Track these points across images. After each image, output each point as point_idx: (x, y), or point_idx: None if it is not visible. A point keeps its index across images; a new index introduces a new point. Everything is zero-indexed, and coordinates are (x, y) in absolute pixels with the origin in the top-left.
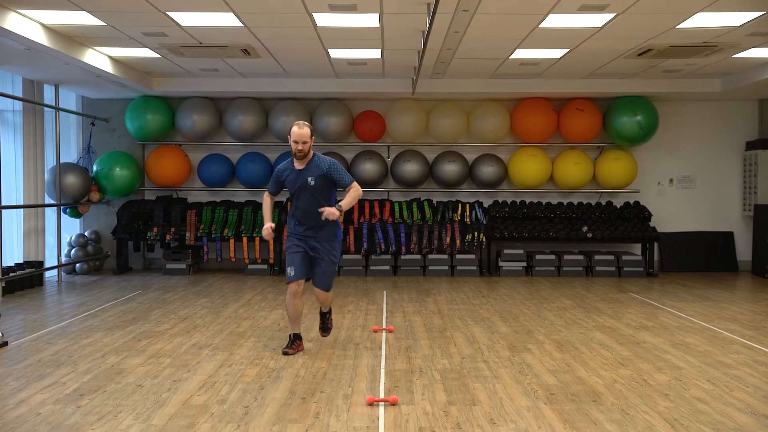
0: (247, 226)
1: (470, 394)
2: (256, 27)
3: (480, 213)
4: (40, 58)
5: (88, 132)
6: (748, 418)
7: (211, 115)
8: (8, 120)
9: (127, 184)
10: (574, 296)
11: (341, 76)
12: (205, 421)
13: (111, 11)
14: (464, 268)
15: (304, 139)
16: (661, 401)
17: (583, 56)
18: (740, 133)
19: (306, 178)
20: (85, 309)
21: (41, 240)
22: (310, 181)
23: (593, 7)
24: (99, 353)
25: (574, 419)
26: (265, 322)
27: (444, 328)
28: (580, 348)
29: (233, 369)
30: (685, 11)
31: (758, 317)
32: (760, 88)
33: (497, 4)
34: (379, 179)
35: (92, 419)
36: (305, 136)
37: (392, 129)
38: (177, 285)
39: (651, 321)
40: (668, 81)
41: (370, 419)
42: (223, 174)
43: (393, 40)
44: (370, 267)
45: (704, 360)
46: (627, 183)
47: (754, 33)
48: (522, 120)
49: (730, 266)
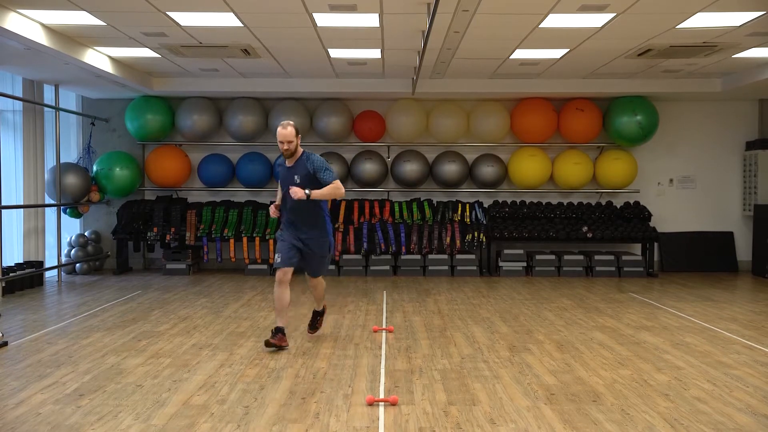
0: (247, 226)
1: (470, 394)
2: (256, 27)
3: (480, 213)
4: (40, 58)
5: (88, 132)
6: (748, 418)
7: (211, 115)
8: (8, 120)
9: (127, 184)
10: (574, 296)
11: (341, 76)
12: (205, 421)
13: (111, 11)
14: (464, 268)
15: (288, 138)
16: (661, 401)
17: (583, 56)
18: (740, 133)
19: (293, 176)
20: (85, 309)
21: (41, 240)
22: (296, 179)
23: (593, 7)
24: (99, 353)
25: (574, 419)
26: (265, 322)
27: (444, 328)
28: (580, 348)
29: (233, 369)
30: (685, 11)
31: (758, 317)
32: (760, 88)
33: (497, 4)
34: (379, 179)
35: (92, 419)
36: (289, 135)
37: (392, 129)
38: (177, 285)
39: (651, 321)
40: (668, 81)
41: (370, 419)
42: (223, 174)
43: (393, 40)
44: (370, 267)
45: (704, 360)
46: (627, 183)
47: (754, 33)
48: (522, 120)
49: (730, 266)
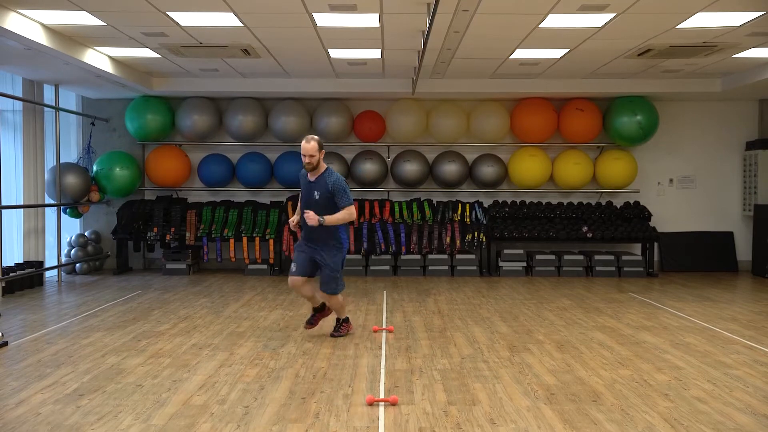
0: (247, 226)
1: (470, 394)
2: (256, 27)
3: (480, 213)
4: (40, 58)
5: (88, 132)
6: (748, 418)
7: (211, 115)
8: (8, 120)
9: (127, 184)
10: (574, 296)
11: (341, 76)
12: (205, 421)
13: (111, 11)
14: (464, 268)
15: (310, 153)
16: (661, 401)
17: (583, 56)
18: (740, 133)
19: (313, 191)
20: (85, 309)
21: (41, 240)
22: (315, 195)
23: (593, 7)
24: (99, 353)
25: (574, 419)
26: (265, 322)
27: (444, 328)
28: (580, 348)
29: (233, 369)
30: (685, 11)
31: (758, 317)
32: (760, 88)
33: (497, 4)
34: (379, 179)
35: (92, 419)
36: (312, 149)
37: (392, 129)
38: (177, 285)
39: (651, 321)
40: (668, 81)
41: (370, 419)
42: (223, 174)
43: (393, 40)
44: (370, 267)
45: (704, 360)
46: (627, 183)
47: (754, 33)
48: (522, 120)
49: (730, 266)
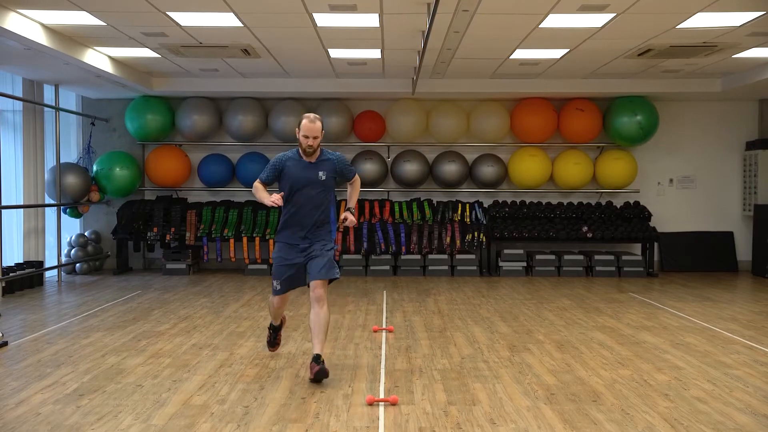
0: (247, 226)
1: (470, 394)
2: (256, 27)
3: (480, 213)
4: (40, 58)
5: (88, 132)
6: (748, 418)
7: (211, 115)
8: (8, 120)
9: (127, 184)
10: (574, 296)
11: (341, 76)
12: (205, 421)
13: (111, 11)
14: (464, 268)
15: (315, 134)
16: (661, 401)
17: (583, 56)
18: (740, 133)
19: (317, 172)
20: (85, 309)
21: (41, 240)
22: (321, 176)
23: (593, 7)
24: (99, 353)
25: (574, 419)
26: (265, 322)
27: (444, 328)
28: (580, 348)
29: (233, 369)
30: (685, 11)
31: (758, 317)
32: (760, 88)
33: (497, 4)
34: (379, 179)
35: (92, 419)
36: (316, 130)
37: (392, 129)
38: (177, 285)
39: (651, 321)
40: (668, 81)
41: (370, 419)
42: (223, 174)
43: (393, 40)
44: (370, 267)
45: (704, 360)
46: (627, 183)
47: (754, 33)
48: (522, 120)
49: (730, 266)
